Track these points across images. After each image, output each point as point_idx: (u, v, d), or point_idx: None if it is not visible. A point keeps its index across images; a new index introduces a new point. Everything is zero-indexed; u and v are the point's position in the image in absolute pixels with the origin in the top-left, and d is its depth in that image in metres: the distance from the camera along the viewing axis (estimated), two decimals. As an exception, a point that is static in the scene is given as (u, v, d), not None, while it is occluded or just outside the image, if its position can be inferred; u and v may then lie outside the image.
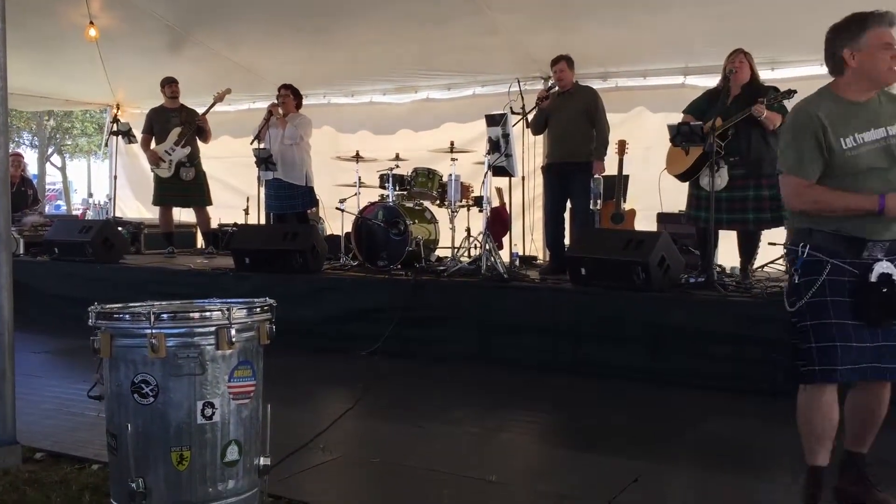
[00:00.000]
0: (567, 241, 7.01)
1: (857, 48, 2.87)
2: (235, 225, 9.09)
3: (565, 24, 7.81)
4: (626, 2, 7.22)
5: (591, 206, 6.63)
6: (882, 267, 2.82)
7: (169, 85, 8.58)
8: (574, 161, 6.76)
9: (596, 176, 6.62)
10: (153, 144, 8.56)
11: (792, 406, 3.02)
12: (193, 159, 8.53)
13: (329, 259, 7.37)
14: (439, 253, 7.58)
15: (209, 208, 8.92)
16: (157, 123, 8.57)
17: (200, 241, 9.71)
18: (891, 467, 3.38)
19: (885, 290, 2.81)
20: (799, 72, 7.48)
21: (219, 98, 8.54)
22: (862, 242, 2.85)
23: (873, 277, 2.81)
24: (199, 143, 8.68)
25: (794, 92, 5.52)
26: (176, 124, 8.46)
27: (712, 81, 6.26)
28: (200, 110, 8.65)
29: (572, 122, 6.79)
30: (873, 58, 2.85)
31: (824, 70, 3.06)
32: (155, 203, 8.92)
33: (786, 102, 5.52)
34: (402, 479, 3.42)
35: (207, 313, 2.61)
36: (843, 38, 2.92)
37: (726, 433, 4.21)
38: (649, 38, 7.80)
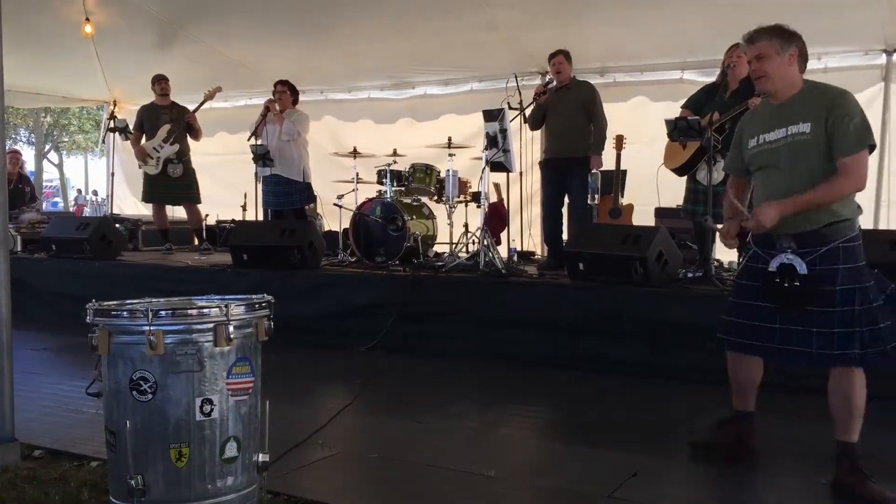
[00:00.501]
0: (565, 236, 7.01)
1: None
2: (233, 221, 9.09)
3: (563, 20, 7.80)
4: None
5: (588, 202, 6.63)
6: (781, 258, 3.13)
7: (159, 82, 8.56)
8: (572, 156, 6.75)
9: (594, 171, 6.62)
10: (143, 141, 8.54)
11: (790, 401, 3.05)
12: (182, 156, 8.50)
13: (327, 255, 7.37)
14: (437, 249, 7.58)
15: (201, 205, 8.91)
16: (147, 120, 8.55)
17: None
18: (878, 461, 3.39)
19: (780, 279, 3.12)
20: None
21: (209, 96, 8.51)
22: (769, 235, 3.20)
23: (772, 267, 3.16)
24: (192, 141, 8.65)
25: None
26: (165, 121, 8.43)
27: (710, 77, 6.26)
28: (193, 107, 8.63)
29: (570, 117, 6.79)
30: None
31: (822, 65, 3.11)
32: (144, 200, 8.92)
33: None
34: (401, 474, 3.42)
35: (205, 310, 2.60)
36: None
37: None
38: (647, 34, 7.80)
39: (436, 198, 7.36)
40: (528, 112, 7.24)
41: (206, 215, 9.39)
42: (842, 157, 3.07)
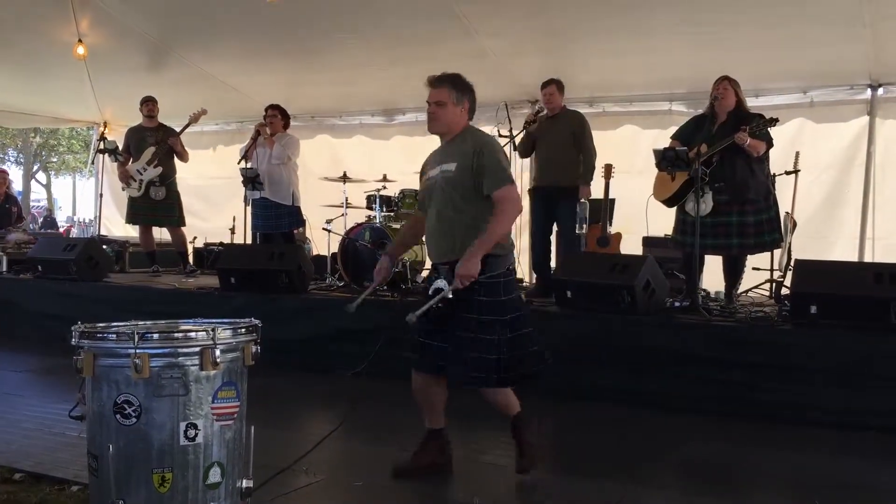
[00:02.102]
0: (553, 263, 7.03)
1: None
2: (221, 244, 9.06)
3: (552, 50, 7.88)
4: (611, 29, 7.30)
5: (577, 230, 6.65)
6: (437, 283, 3.48)
7: (146, 104, 8.54)
8: (560, 185, 6.77)
9: (582, 200, 6.64)
10: (130, 164, 8.51)
11: (779, 431, 3.05)
12: (166, 179, 8.46)
13: (315, 279, 7.36)
14: (425, 274, 7.58)
15: (188, 228, 8.88)
16: (133, 142, 8.53)
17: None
18: (849, 489, 3.40)
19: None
20: (782, 99, 7.61)
21: (194, 119, 8.48)
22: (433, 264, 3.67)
23: (430, 290, 3.50)
24: (179, 163, 8.63)
25: (777, 120, 5.62)
26: (150, 143, 8.40)
27: (698, 108, 6.33)
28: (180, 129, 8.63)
29: (559, 146, 6.82)
30: None
31: (807, 99, 3.14)
32: (127, 222, 8.90)
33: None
34: (385, 501, 3.40)
35: (192, 333, 2.59)
36: None
37: (709, 456, 4.22)
38: (636, 65, 7.88)
39: (425, 224, 7.36)
40: (518, 140, 7.28)
41: (195, 237, 9.37)
42: (493, 191, 3.45)
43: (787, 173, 6.70)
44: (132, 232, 9.55)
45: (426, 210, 3.69)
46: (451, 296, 3.37)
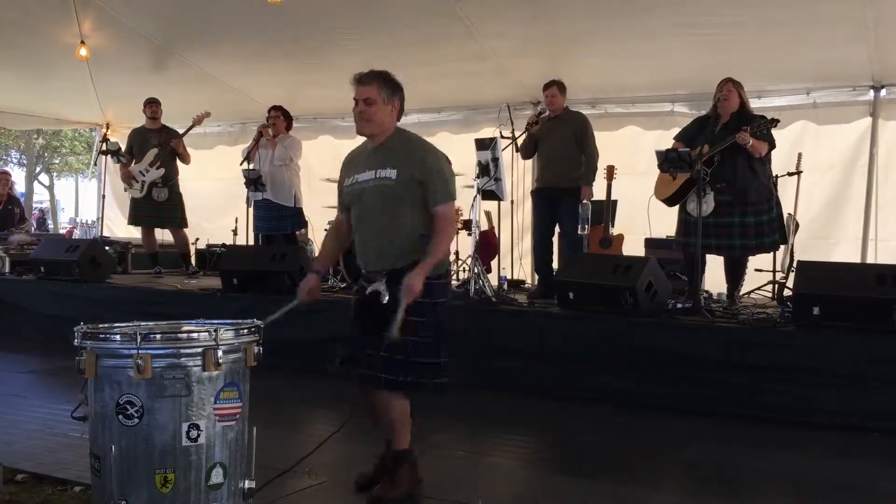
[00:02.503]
0: (555, 265, 7.03)
1: None
2: (224, 245, 9.07)
3: (554, 51, 7.88)
4: (613, 30, 7.30)
5: (579, 232, 6.65)
6: (376, 286, 3.33)
7: (149, 105, 8.57)
8: (562, 186, 6.78)
9: (584, 201, 6.65)
10: (133, 164, 8.53)
11: (781, 433, 3.04)
12: (168, 181, 8.48)
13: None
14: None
15: (190, 230, 8.90)
16: (136, 144, 8.55)
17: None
18: (851, 491, 3.40)
19: (369, 304, 3.33)
20: (784, 101, 7.60)
21: (197, 121, 8.51)
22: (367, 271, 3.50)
23: (368, 292, 3.36)
24: (181, 165, 8.65)
25: (778, 121, 5.62)
26: (153, 145, 8.43)
27: (700, 110, 6.33)
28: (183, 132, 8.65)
29: (562, 147, 6.82)
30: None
31: (810, 100, 3.13)
32: (130, 223, 8.92)
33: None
34: None
35: (194, 334, 2.59)
36: None
37: (711, 458, 4.21)
38: (638, 66, 7.88)
39: (427, 225, 7.36)
40: (520, 141, 7.28)
41: (197, 239, 9.36)
42: (438, 205, 3.35)
43: (790, 174, 6.69)
44: (134, 233, 9.56)
45: (353, 215, 3.51)
46: (385, 300, 3.25)
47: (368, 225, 3.44)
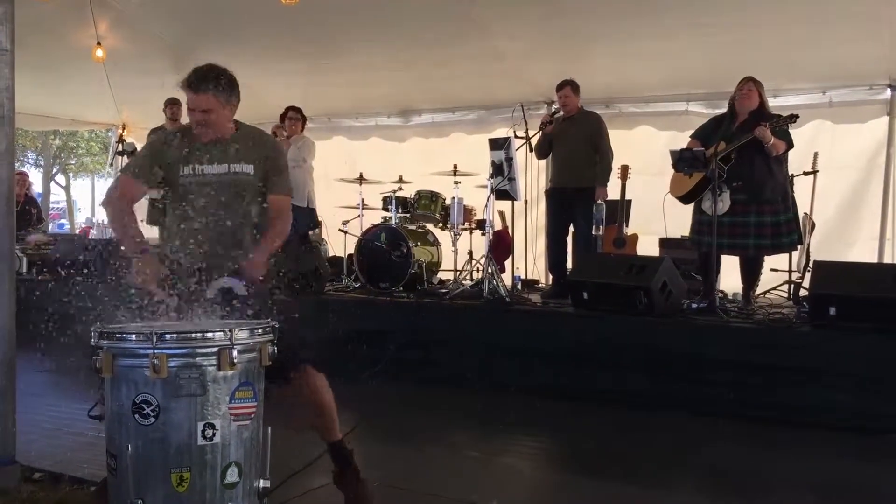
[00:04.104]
0: (569, 265, 7.02)
1: None
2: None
3: (568, 51, 7.87)
4: (629, 31, 7.29)
5: (593, 232, 6.64)
6: (223, 282, 3.11)
7: (170, 106, 8.63)
8: (577, 186, 6.77)
9: (598, 201, 6.63)
10: None
11: (797, 434, 3.02)
12: None
13: (331, 281, 7.37)
14: (441, 276, 7.58)
15: None
16: None
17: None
18: (868, 493, 3.37)
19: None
20: (800, 99, 7.55)
21: None
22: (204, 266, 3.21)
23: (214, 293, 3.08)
24: None
25: (797, 117, 5.57)
26: None
27: (715, 109, 6.30)
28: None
29: (576, 148, 6.81)
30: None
31: (826, 99, 3.11)
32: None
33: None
34: (401, 503, 3.40)
35: (209, 334, 2.60)
36: None
37: (727, 460, 4.19)
38: (652, 66, 7.86)
39: (441, 225, 7.38)
40: (533, 141, 7.28)
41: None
42: (279, 194, 3.39)
43: (806, 174, 6.65)
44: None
45: (188, 205, 3.26)
46: (245, 292, 3.10)
47: (210, 221, 3.22)
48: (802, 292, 6.01)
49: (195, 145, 3.28)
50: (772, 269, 6.51)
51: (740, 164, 5.65)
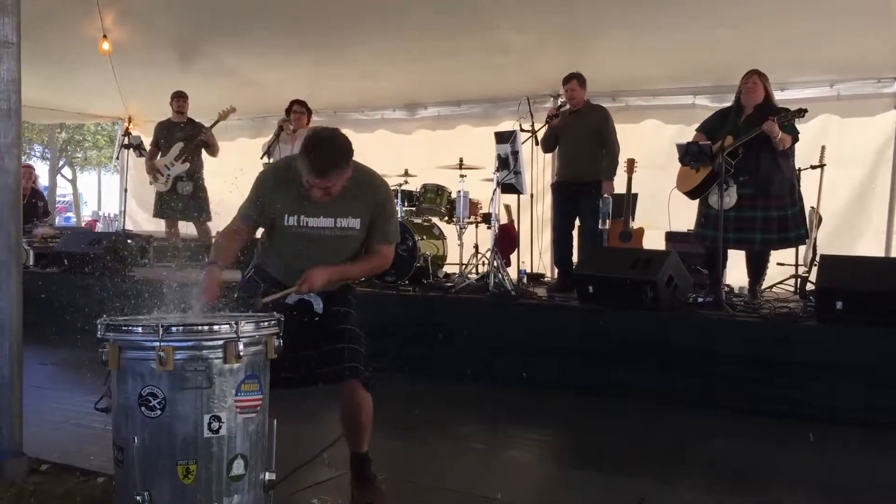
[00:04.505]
0: (575, 258, 7.01)
1: None
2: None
3: (575, 44, 7.84)
4: (635, 24, 7.25)
5: (600, 226, 6.63)
6: (302, 295, 3.17)
7: (176, 99, 8.66)
8: (583, 180, 6.76)
9: (605, 196, 6.62)
10: (158, 158, 8.62)
11: (803, 428, 3.02)
12: (193, 174, 8.57)
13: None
14: (447, 269, 7.58)
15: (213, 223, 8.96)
16: (162, 137, 8.66)
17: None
18: (875, 488, 3.36)
19: (299, 314, 3.18)
20: (808, 93, 7.51)
21: (223, 116, 8.56)
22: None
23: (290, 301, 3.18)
24: (208, 158, 8.71)
25: (805, 111, 5.54)
26: (179, 139, 8.51)
27: (721, 102, 6.27)
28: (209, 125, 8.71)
29: (582, 142, 6.80)
30: None
31: (834, 92, 3.09)
32: (155, 215, 9.00)
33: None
34: (407, 495, 3.41)
35: (215, 327, 2.60)
36: None
37: (733, 454, 4.19)
38: (659, 59, 7.82)
39: (446, 218, 7.38)
40: (539, 135, 7.26)
41: (218, 232, 9.42)
42: (380, 245, 3.30)
43: (813, 168, 6.63)
44: (157, 226, 9.64)
45: (291, 249, 3.25)
46: (320, 309, 3.20)
47: (311, 263, 3.17)
48: (809, 286, 5.99)
49: (303, 196, 3.15)
50: (778, 264, 6.49)
51: (747, 159, 5.63)
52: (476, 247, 7.36)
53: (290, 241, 3.25)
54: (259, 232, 3.48)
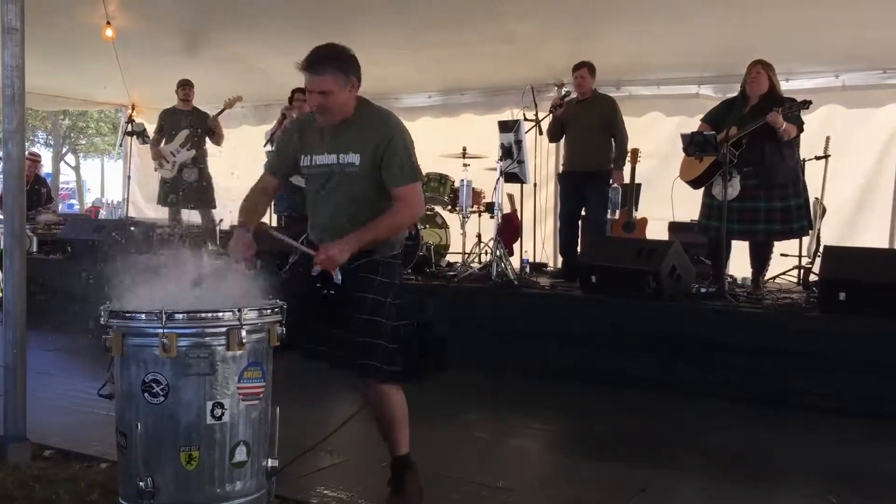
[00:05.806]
0: (580, 248, 7.00)
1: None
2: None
3: (580, 33, 7.80)
4: (640, 12, 7.21)
5: (609, 216, 6.61)
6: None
7: (182, 87, 8.68)
8: (590, 169, 6.75)
9: (615, 185, 6.60)
10: (162, 145, 8.64)
11: (806, 419, 3.02)
12: (198, 162, 8.59)
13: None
14: (450, 258, 7.58)
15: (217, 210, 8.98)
16: (168, 125, 8.67)
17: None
18: (876, 478, 3.37)
19: (321, 285, 3.07)
20: (814, 83, 7.48)
21: (229, 105, 8.59)
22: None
23: (314, 272, 3.05)
24: (211, 146, 8.73)
25: (810, 102, 5.52)
26: (185, 126, 8.53)
27: (726, 92, 6.24)
28: (213, 113, 8.72)
29: (590, 131, 6.78)
30: None
31: (840, 83, 3.07)
32: (159, 203, 9.01)
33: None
34: (409, 483, 3.41)
35: (219, 314, 2.61)
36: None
37: (736, 443, 4.19)
38: (664, 48, 7.79)
39: (449, 207, 7.37)
40: (543, 124, 7.24)
41: (222, 220, 9.42)
42: (397, 187, 3.05)
43: (818, 158, 6.60)
44: (160, 213, 9.64)
45: (311, 194, 3.24)
46: (339, 280, 2.97)
47: (327, 211, 3.14)
48: (812, 277, 5.98)
49: (313, 132, 3.15)
50: (781, 255, 6.48)
51: (751, 149, 5.61)
52: (479, 236, 7.36)
53: (309, 189, 3.22)
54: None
